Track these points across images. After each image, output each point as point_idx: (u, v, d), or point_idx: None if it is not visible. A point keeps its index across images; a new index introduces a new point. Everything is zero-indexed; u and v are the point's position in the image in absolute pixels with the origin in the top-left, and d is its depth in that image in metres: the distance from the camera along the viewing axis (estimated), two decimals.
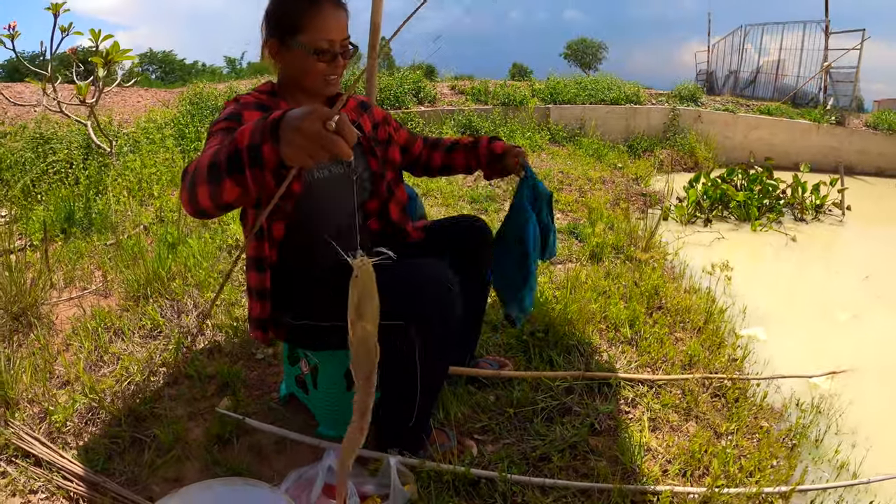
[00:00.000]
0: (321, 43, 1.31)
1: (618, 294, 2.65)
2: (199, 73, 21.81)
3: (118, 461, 1.53)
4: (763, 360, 2.36)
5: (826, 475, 1.70)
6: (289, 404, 1.76)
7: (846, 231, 5.23)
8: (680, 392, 1.92)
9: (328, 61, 1.33)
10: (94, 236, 3.25)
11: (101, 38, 3.53)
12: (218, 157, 0.94)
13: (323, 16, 1.31)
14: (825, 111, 9.21)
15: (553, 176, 5.25)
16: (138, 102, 6.59)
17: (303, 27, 1.31)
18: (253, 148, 0.88)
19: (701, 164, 7.69)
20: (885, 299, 3.40)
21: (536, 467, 1.48)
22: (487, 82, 8.67)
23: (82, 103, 3.85)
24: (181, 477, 1.48)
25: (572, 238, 3.62)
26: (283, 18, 1.33)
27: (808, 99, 10.30)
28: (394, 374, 1.29)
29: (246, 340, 2.15)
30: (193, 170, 1.01)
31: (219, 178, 0.94)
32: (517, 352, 2.08)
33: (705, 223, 5.02)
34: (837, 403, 2.08)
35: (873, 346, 2.78)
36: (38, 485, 1.44)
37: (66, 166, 4.05)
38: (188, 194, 1.01)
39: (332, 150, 0.81)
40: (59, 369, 1.97)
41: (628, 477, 1.47)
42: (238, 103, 1.33)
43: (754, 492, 1.42)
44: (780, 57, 11.24)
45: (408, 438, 1.42)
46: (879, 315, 3.20)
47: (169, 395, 1.82)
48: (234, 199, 0.96)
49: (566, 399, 1.77)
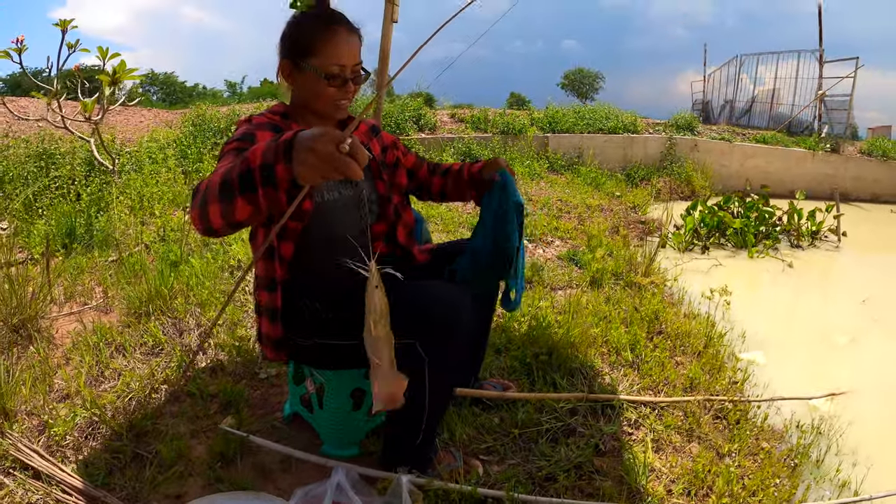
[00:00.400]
0: (332, 68, 1.33)
1: (618, 319, 2.67)
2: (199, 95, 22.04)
3: (119, 476, 1.51)
4: (763, 383, 2.37)
5: (828, 493, 1.72)
6: (293, 423, 1.76)
7: (842, 257, 5.28)
8: (682, 414, 1.93)
9: (339, 86, 1.35)
10: (96, 252, 3.25)
11: (108, 56, 3.57)
12: (230, 176, 0.96)
13: (336, 41, 1.33)
14: (820, 139, 9.37)
15: (552, 204, 5.31)
16: (140, 122, 6.66)
17: (316, 51, 1.33)
18: (266, 167, 0.90)
19: (697, 193, 7.77)
20: (882, 323, 3.43)
21: (542, 487, 1.49)
22: (487, 111, 8.79)
23: (87, 120, 3.89)
24: (183, 494, 1.47)
25: (572, 265, 3.65)
26: (297, 41, 1.36)
27: (804, 127, 10.48)
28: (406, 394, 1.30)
29: (249, 360, 2.15)
30: (205, 188, 1.02)
31: (231, 197, 0.95)
32: (520, 374, 2.08)
33: (703, 250, 5.06)
34: (837, 424, 2.10)
35: (871, 369, 2.81)
36: (36, 497, 1.43)
37: (68, 182, 4.07)
38: (199, 212, 1.01)
39: (345, 171, 0.84)
40: (58, 383, 1.96)
41: (633, 497, 1.47)
42: (251, 124, 1.35)
43: None
44: (775, 86, 11.45)
45: (415, 457, 1.42)
46: (877, 338, 3.23)
47: (170, 413, 1.81)
48: (246, 218, 0.97)
49: (570, 420, 1.78)
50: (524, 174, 6.52)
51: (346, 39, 1.35)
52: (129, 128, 6.19)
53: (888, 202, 8.82)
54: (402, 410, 1.34)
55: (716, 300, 3.05)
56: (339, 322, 1.37)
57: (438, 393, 1.35)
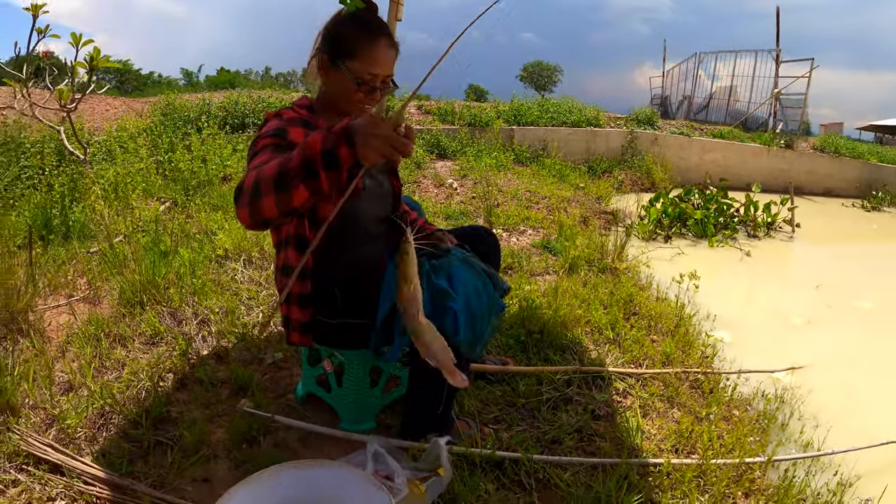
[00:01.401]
0: (365, 74, 1.38)
1: (597, 301, 2.85)
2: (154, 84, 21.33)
3: (141, 464, 1.53)
4: (730, 359, 2.59)
5: (794, 452, 1.94)
6: (307, 404, 1.84)
7: (796, 246, 5.65)
8: (662, 384, 2.12)
9: (366, 92, 1.40)
10: (75, 243, 3.21)
11: (81, 42, 3.49)
12: (288, 167, 1.04)
13: (376, 50, 1.38)
14: (775, 135, 9.85)
15: (521, 195, 5.46)
16: (107, 111, 6.47)
17: (355, 54, 1.38)
18: (328, 153, 1.01)
19: (658, 185, 8.07)
20: (834, 307, 3.75)
21: (550, 449, 1.64)
22: (453, 103, 8.87)
23: (62, 108, 3.79)
24: (210, 477, 1.51)
25: (546, 252, 3.82)
26: (339, 39, 1.41)
27: (759, 123, 10.98)
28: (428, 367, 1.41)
29: (252, 345, 2.20)
30: (253, 183, 1.08)
31: (289, 186, 1.04)
32: (516, 351, 2.23)
33: (665, 240, 5.32)
34: (798, 394, 2.34)
35: (826, 346, 3.09)
36: (56, 491, 1.41)
37: (39, 172, 3.97)
38: (250, 208, 1.08)
39: (403, 150, 1.01)
40: (59, 375, 1.95)
41: (630, 454, 1.64)
42: (281, 119, 1.41)
43: (738, 461, 1.64)
44: (733, 83, 11.94)
45: (436, 425, 1.54)
46: (830, 320, 3.54)
47: (182, 400, 1.84)
48: (302, 204, 1.06)
49: (567, 390, 1.95)
50: (491, 165, 6.65)
51: (385, 50, 1.40)
52: (95, 116, 6.01)
53: (839, 196, 9.37)
54: (424, 381, 1.46)
55: (685, 284, 3.26)
56: (361, 302, 1.47)
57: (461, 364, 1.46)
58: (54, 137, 4.33)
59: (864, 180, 9.53)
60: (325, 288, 1.50)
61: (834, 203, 8.89)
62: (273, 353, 2.14)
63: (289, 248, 1.46)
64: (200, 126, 5.67)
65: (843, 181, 9.61)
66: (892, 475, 1.89)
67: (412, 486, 1.26)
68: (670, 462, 1.58)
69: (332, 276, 1.50)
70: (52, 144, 4.37)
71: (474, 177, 6.02)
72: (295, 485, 1.10)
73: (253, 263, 3.06)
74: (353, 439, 1.59)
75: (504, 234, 4.23)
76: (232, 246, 3.19)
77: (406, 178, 5.84)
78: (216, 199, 4.19)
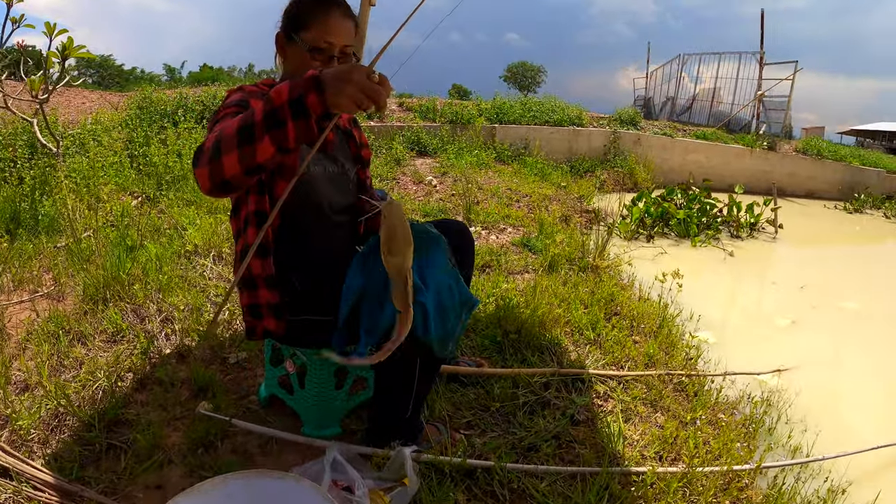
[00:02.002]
0: (320, 42, 1.35)
1: (577, 301, 2.77)
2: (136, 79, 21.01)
3: (93, 469, 1.46)
4: (714, 360, 2.53)
5: (782, 457, 1.88)
6: (270, 406, 1.75)
7: (779, 247, 5.65)
8: (645, 387, 2.05)
9: (323, 62, 1.36)
10: (43, 238, 3.10)
11: (55, 33, 3.37)
12: (251, 119, 1.01)
13: (329, 18, 1.36)
14: (758, 137, 9.90)
15: (502, 193, 5.39)
16: (83, 104, 6.32)
17: (308, 25, 1.36)
18: (296, 101, 0.98)
19: (640, 185, 8.04)
20: (818, 308, 3.72)
21: (526, 456, 1.55)
22: (435, 100, 8.79)
23: (34, 99, 3.66)
24: (164, 483, 1.43)
25: (526, 250, 3.75)
26: (293, 14, 1.39)
27: (742, 125, 11.03)
28: (397, 362, 1.33)
29: (215, 344, 2.11)
30: (214, 142, 1.04)
31: (252, 139, 1.00)
32: (492, 352, 2.15)
33: (648, 239, 5.28)
34: (785, 397, 2.29)
35: (812, 348, 3.05)
36: (4, 496, 1.35)
37: (10, 165, 3.84)
38: (210, 167, 1.04)
39: (376, 98, 0.97)
40: (16, 374, 1.86)
41: (611, 462, 1.56)
42: (244, 91, 1.36)
43: (725, 469, 1.56)
44: (716, 85, 12.00)
45: (403, 430, 1.45)
46: (815, 321, 3.51)
47: (140, 401, 1.76)
48: (266, 160, 1.02)
49: (545, 394, 1.86)
50: (472, 163, 6.59)
51: (338, 19, 1.37)
52: (70, 109, 5.87)
53: (821, 198, 9.45)
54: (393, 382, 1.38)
55: (668, 283, 3.21)
56: (322, 297, 1.39)
57: (431, 364, 1.40)
58: (27, 130, 4.20)
59: (845, 182, 9.60)
60: (284, 274, 1.42)
61: (816, 205, 8.96)
62: (237, 353, 2.06)
63: (249, 228, 1.38)
64: (177, 120, 5.53)
65: (825, 183, 9.68)
66: (884, 480, 1.85)
67: (374, 498, 1.17)
68: (655, 471, 1.50)
69: (290, 263, 1.42)
70: (24, 137, 4.24)
71: (454, 174, 5.94)
72: (243, 496, 1.01)
73: (223, 259, 2.96)
74: (315, 445, 1.50)
75: (483, 232, 4.16)
76: (202, 241, 3.09)
77: (385, 174, 5.75)
78: (190, 195, 4.08)
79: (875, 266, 5.73)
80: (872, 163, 10.24)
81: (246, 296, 1.43)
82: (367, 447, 1.43)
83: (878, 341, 3.30)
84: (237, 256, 1.46)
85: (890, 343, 3.28)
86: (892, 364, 2.97)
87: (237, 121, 1.03)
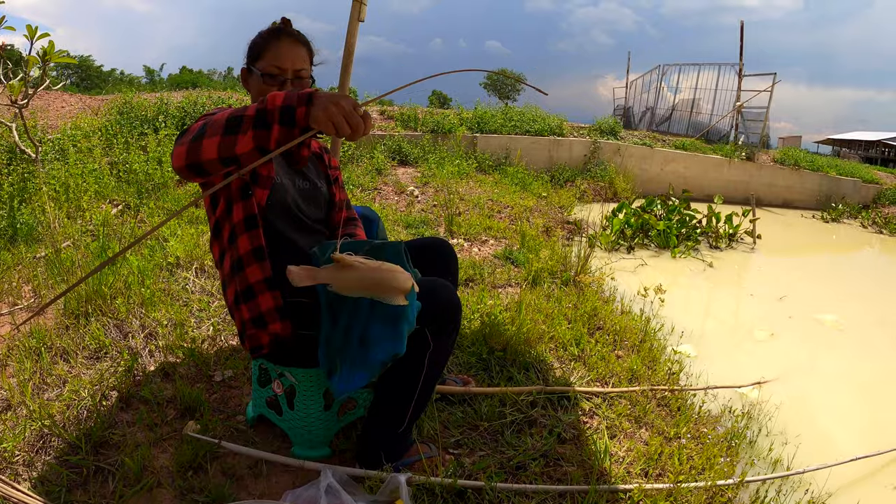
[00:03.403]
0: (271, 68, 1.46)
1: (561, 315, 2.80)
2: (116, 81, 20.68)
3: (80, 492, 1.43)
4: (696, 374, 2.59)
5: (763, 470, 1.94)
6: (257, 427, 1.73)
7: (758, 257, 5.77)
8: (629, 403, 2.08)
9: (277, 87, 1.46)
10: (21, 248, 3.04)
11: (36, 36, 3.31)
12: (244, 113, 1.09)
13: (278, 46, 1.47)
14: (736, 147, 10.10)
15: (483, 203, 5.41)
16: (62, 108, 6.21)
17: (261, 55, 1.48)
18: (287, 109, 1.05)
19: (620, 195, 8.16)
20: (796, 318, 3.82)
21: (514, 475, 1.57)
22: (416, 108, 8.81)
23: (13, 104, 3.59)
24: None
25: (509, 263, 3.76)
26: (251, 47, 1.51)
27: (721, 135, 11.24)
28: (398, 376, 1.37)
29: (201, 362, 2.09)
30: (200, 126, 1.13)
31: (238, 129, 1.08)
32: (478, 370, 2.16)
33: (628, 250, 5.36)
34: (765, 409, 2.35)
35: (790, 359, 3.13)
36: None
37: None
38: (190, 145, 1.12)
39: (355, 125, 1.03)
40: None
41: (599, 480, 1.58)
42: (217, 109, 1.37)
43: (709, 485, 1.60)
44: (696, 96, 12.21)
45: (394, 445, 1.46)
46: (793, 332, 3.59)
47: (126, 421, 1.73)
48: (242, 153, 1.09)
49: (531, 412, 1.88)
50: (453, 173, 6.60)
51: (288, 45, 1.48)
52: (50, 114, 5.76)
53: (798, 208, 9.67)
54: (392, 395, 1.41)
55: (650, 297, 3.26)
56: (305, 308, 1.41)
57: (431, 379, 1.42)
58: (5, 135, 4.11)
59: (822, 192, 9.84)
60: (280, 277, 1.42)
61: (793, 214, 9.16)
62: (223, 371, 2.03)
63: (240, 238, 1.43)
64: (158, 126, 5.47)
65: (802, 193, 9.90)
66: (862, 490, 1.92)
67: None
68: (642, 488, 1.53)
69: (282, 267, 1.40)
70: (2, 142, 4.16)
71: (436, 184, 5.96)
72: None
73: (206, 272, 2.94)
74: (306, 468, 1.50)
75: (465, 244, 4.17)
76: (184, 253, 3.06)
77: (366, 184, 5.74)
78: (171, 203, 4.03)
79: (852, 275, 5.91)
80: (849, 172, 10.50)
81: (245, 310, 1.43)
82: (360, 469, 1.43)
83: (855, 352, 3.39)
84: (227, 274, 1.47)
85: (866, 353, 3.37)
86: (867, 374, 3.05)
87: (229, 111, 1.12)
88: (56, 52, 3.37)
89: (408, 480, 1.26)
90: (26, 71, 3.50)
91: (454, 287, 1.71)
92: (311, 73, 1.54)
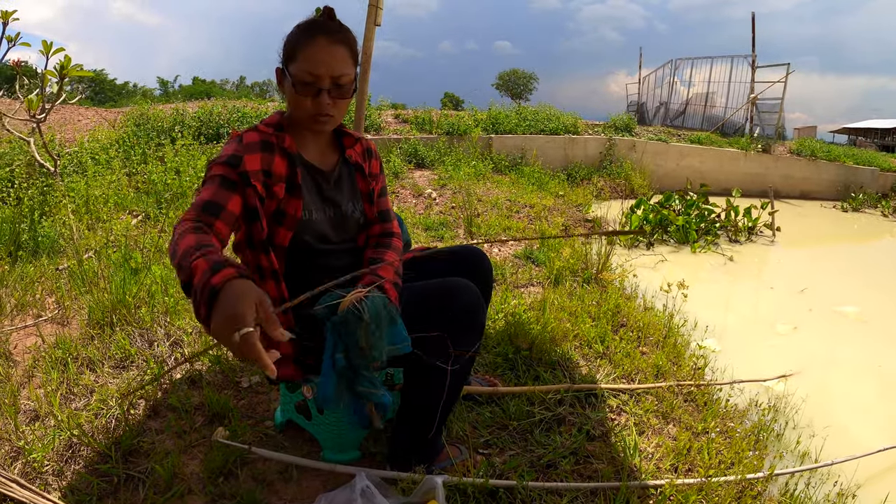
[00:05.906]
0: (305, 76, 1.26)
1: (584, 313, 2.79)
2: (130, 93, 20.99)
3: (111, 501, 1.43)
4: (720, 368, 2.55)
5: (791, 463, 1.91)
6: (286, 432, 1.74)
7: (778, 250, 5.70)
8: (656, 399, 2.06)
9: (311, 96, 1.27)
10: (44, 260, 3.08)
11: (52, 51, 3.37)
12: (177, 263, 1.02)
13: (313, 48, 1.26)
14: (752, 140, 9.99)
15: (502, 204, 5.41)
16: (79, 121, 6.30)
17: (295, 56, 1.27)
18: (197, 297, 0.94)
19: (637, 191, 8.09)
20: (817, 311, 3.75)
21: (545, 474, 1.56)
22: (431, 111, 8.82)
23: (32, 118, 3.65)
24: None
25: (530, 263, 3.75)
26: (286, 45, 1.31)
27: (736, 128, 11.12)
28: (423, 383, 1.34)
29: (227, 368, 2.10)
30: (170, 247, 1.08)
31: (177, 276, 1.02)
32: (505, 369, 2.15)
33: (648, 246, 5.31)
34: (791, 402, 2.31)
35: (814, 352, 3.08)
36: None
37: (8, 185, 3.83)
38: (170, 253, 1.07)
39: (238, 355, 0.87)
40: (25, 403, 1.84)
41: (629, 476, 1.57)
42: (241, 144, 1.29)
43: (739, 479, 1.58)
44: (709, 89, 12.10)
45: (426, 451, 1.45)
46: (815, 325, 3.54)
47: (154, 429, 1.74)
48: None
49: (559, 410, 1.87)
50: (470, 175, 6.59)
51: (324, 48, 1.26)
52: (67, 127, 5.85)
53: (816, 199, 9.53)
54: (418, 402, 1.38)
55: (673, 293, 3.23)
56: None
57: (457, 384, 1.38)
58: (24, 149, 4.18)
59: (840, 182, 9.69)
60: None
61: (812, 206, 9.03)
62: (249, 377, 2.04)
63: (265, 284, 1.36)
64: (174, 137, 5.54)
65: (820, 184, 9.76)
66: (891, 481, 1.88)
67: None
68: (672, 483, 1.51)
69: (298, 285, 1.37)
70: (21, 156, 4.23)
71: (453, 186, 5.95)
72: None
73: None
74: (337, 471, 1.49)
75: (486, 245, 4.16)
76: None
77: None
78: None
79: (874, 265, 5.80)
80: (866, 161, 10.34)
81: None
82: (392, 472, 1.43)
83: (879, 343, 3.33)
84: None
85: (890, 344, 3.31)
86: (893, 365, 2.99)
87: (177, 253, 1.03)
88: (72, 66, 3.42)
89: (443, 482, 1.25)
90: (42, 86, 3.55)
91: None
92: (354, 77, 1.33)
